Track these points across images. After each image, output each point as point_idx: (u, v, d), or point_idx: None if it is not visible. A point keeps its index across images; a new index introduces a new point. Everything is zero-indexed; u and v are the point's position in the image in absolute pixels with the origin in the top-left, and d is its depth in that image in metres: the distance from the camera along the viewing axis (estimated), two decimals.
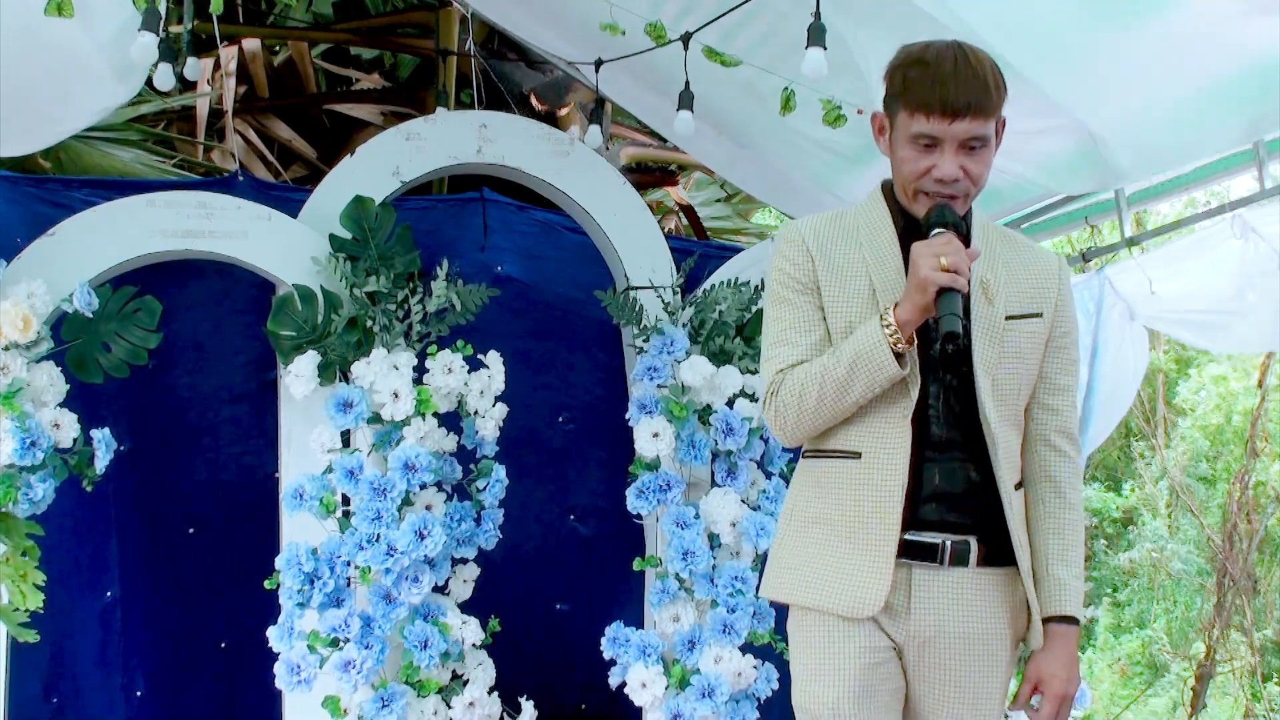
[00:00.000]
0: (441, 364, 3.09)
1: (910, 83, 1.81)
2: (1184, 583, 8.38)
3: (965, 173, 1.82)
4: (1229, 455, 8.55)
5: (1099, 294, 3.68)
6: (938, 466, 1.86)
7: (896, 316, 1.78)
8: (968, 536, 1.86)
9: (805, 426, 1.90)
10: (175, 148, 4.74)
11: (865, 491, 1.86)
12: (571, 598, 3.89)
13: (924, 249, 1.76)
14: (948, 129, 1.79)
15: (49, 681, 3.46)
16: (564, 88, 5.17)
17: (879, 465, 1.85)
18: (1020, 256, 1.97)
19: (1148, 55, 2.68)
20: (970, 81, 1.78)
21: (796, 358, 1.89)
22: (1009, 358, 1.89)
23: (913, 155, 1.83)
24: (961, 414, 1.87)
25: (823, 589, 1.87)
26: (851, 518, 1.87)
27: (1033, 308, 1.93)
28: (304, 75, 5.37)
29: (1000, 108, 1.83)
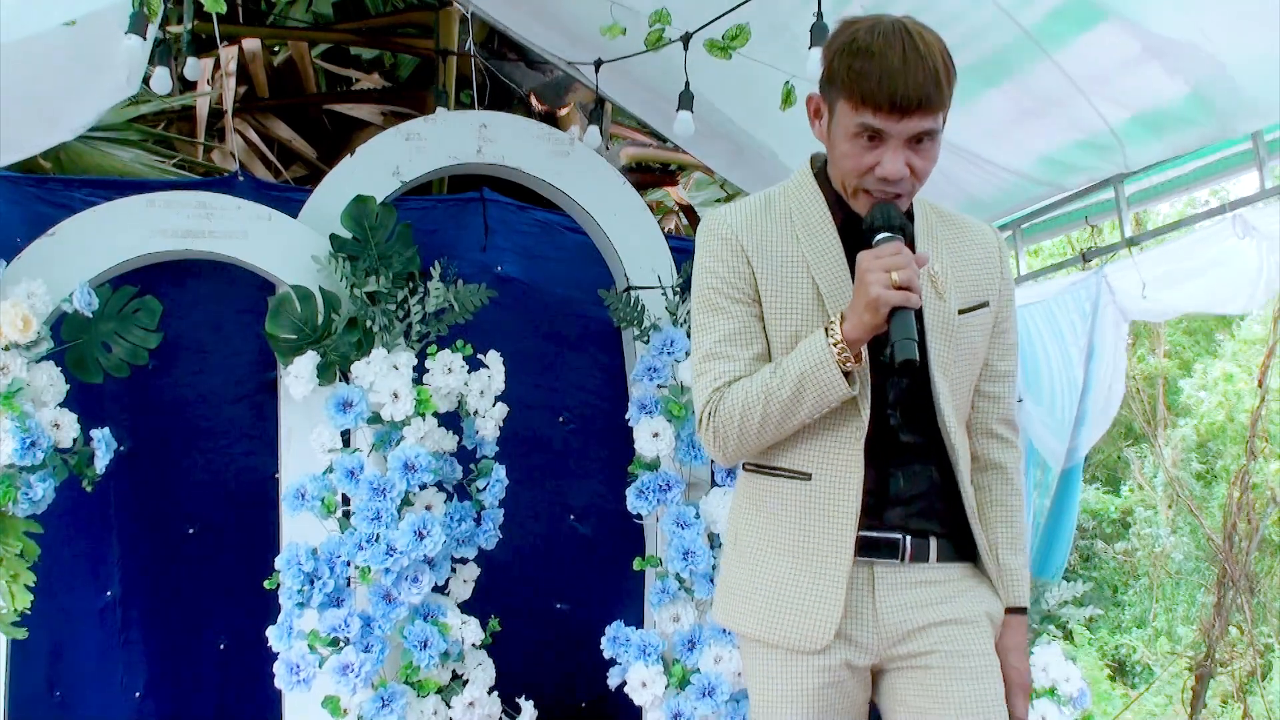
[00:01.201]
0: (441, 364, 3.09)
1: (855, 74, 1.63)
2: (1184, 583, 8.38)
3: (911, 170, 1.68)
4: (1229, 455, 8.56)
5: (1095, 294, 3.68)
6: (900, 473, 1.78)
7: (844, 333, 1.64)
8: (927, 536, 1.79)
9: (747, 448, 1.77)
10: (175, 148, 4.75)
11: (816, 515, 1.75)
12: (571, 598, 3.89)
13: (873, 262, 1.61)
14: (895, 125, 1.63)
15: (50, 681, 3.46)
16: (564, 88, 5.18)
17: (831, 487, 1.74)
18: (961, 238, 1.85)
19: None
20: (919, 73, 1.61)
21: (735, 373, 1.75)
22: (963, 355, 1.80)
23: (855, 151, 1.68)
24: (918, 415, 1.78)
25: (772, 620, 1.76)
26: (800, 542, 1.76)
27: (980, 297, 1.83)
28: (304, 75, 5.38)
29: (949, 99, 1.68)
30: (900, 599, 1.77)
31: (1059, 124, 3.09)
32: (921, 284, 1.66)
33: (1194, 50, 2.67)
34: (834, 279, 1.75)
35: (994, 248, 1.89)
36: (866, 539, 1.75)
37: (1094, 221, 3.81)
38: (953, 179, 3.49)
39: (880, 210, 1.68)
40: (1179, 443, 8.56)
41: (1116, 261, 3.72)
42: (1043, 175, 3.44)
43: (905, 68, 1.61)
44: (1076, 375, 3.76)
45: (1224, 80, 2.75)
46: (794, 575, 1.76)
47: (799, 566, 1.75)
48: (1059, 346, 3.86)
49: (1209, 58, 2.69)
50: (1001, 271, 1.88)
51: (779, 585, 1.77)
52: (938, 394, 1.76)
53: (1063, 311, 3.84)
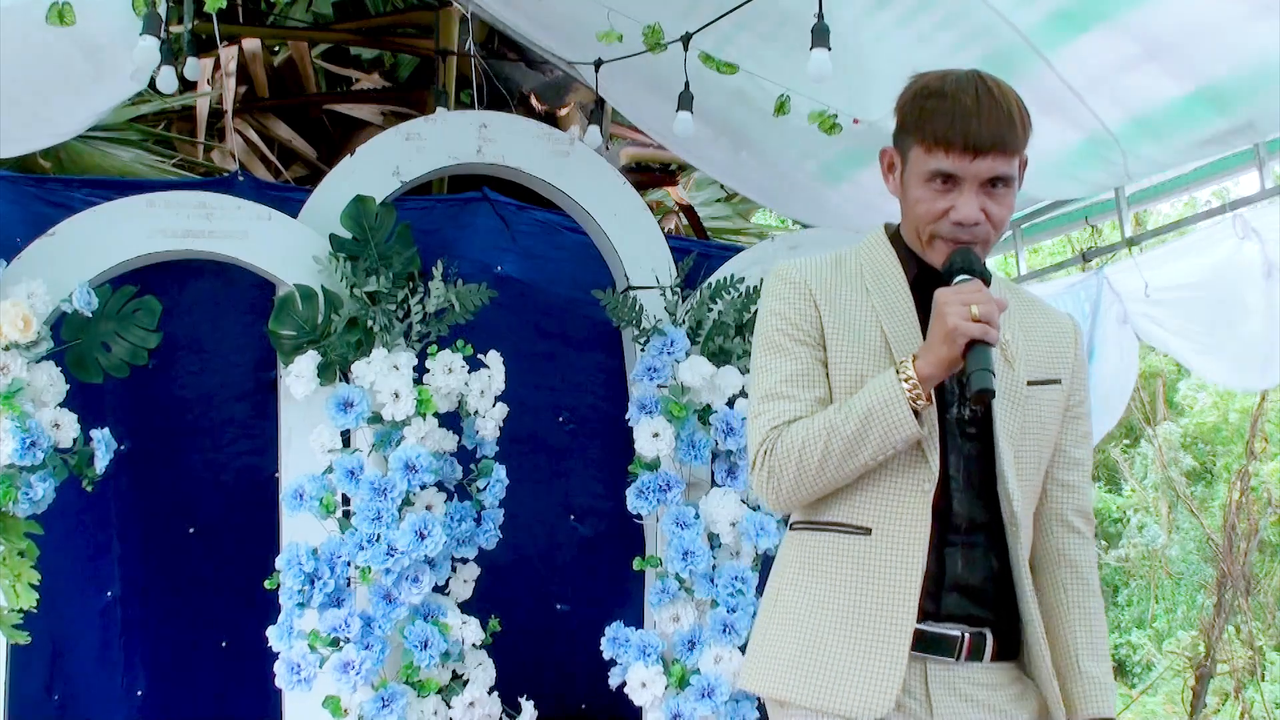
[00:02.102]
0: (442, 364, 3.09)
1: (927, 115, 1.63)
2: (1184, 583, 8.38)
3: (986, 215, 1.63)
4: (1228, 455, 8.56)
5: (1097, 295, 3.68)
6: (960, 551, 1.67)
7: (917, 370, 1.57)
8: (984, 629, 1.67)
9: (804, 491, 1.67)
10: (175, 148, 4.74)
11: (875, 574, 1.63)
12: (571, 598, 3.89)
13: (951, 295, 1.56)
14: (969, 166, 1.60)
15: (50, 681, 3.46)
16: (564, 88, 5.17)
17: (893, 545, 1.63)
18: (1035, 317, 1.80)
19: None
20: (995, 115, 1.60)
21: (795, 413, 1.67)
22: (1032, 427, 1.71)
23: (929, 195, 1.65)
24: (982, 490, 1.68)
25: (822, 686, 1.63)
26: (857, 604, 1.64)
27: (1052, 373, 1.76)
28: (304, 75, 5.37)
29: (1025, 145, 1.65)
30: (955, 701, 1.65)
31: (1059, 128, 3.09)
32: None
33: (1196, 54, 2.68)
34: (903, 330, 1.69)
35: (1070, 334, 1.83)
36: (922, 633, 1.63)
37: (1094, 221, 3.82)
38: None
39: (961, 254, 1.64)
40: (1165, 441, 8.57)
41: (1117, 262, 3.72)
42: (1044, 187, 3.44)
43: (979, 107, 1.60)
44: None
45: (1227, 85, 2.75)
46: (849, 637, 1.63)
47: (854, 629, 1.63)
48: None
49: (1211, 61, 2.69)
50: (1076, 356, 1.82)
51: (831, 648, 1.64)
52: (1002, 463, 1.67)
53: None
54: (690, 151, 4.23)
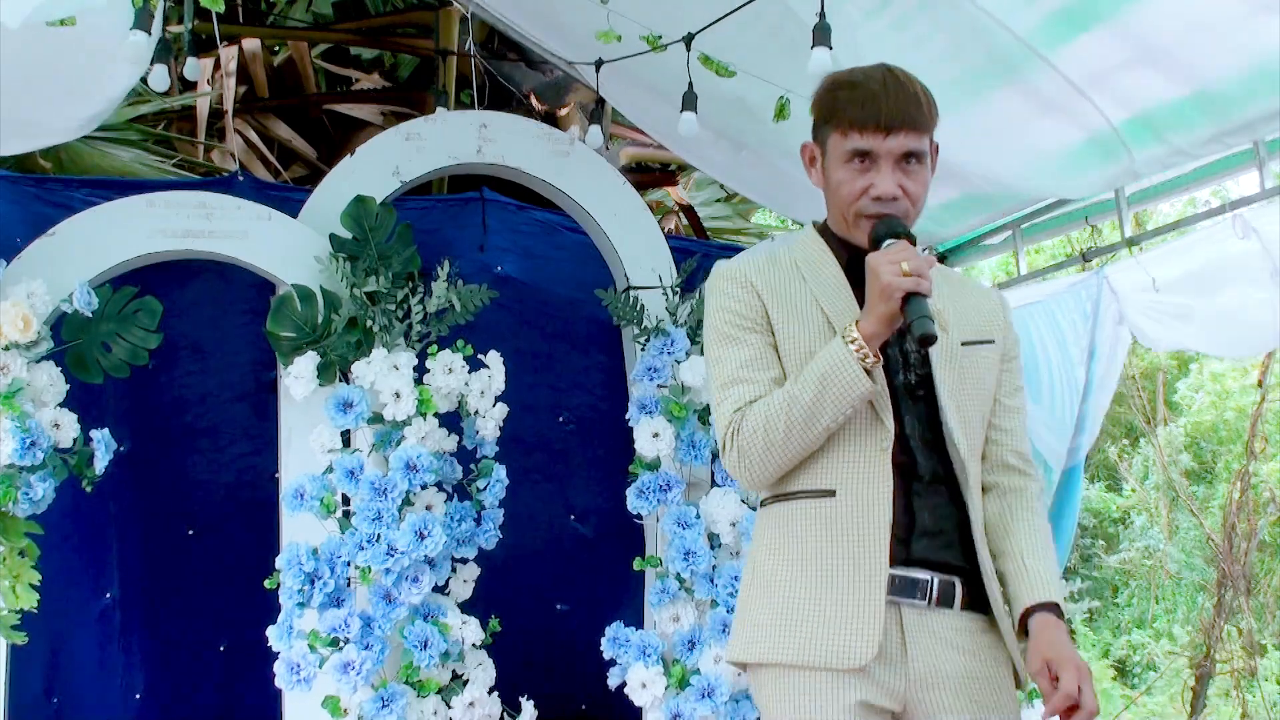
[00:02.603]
0: (442, 364, 3.09)
1: (841, 102, 1.77)
2: (1183, 583, 8.38)
3: (904, 191, 1.76)
4: (1227, 454, 8.56)
5: (1097, 295, 3.68)
6: (926, 502, 1.76)
7: (861, 331, 1.68)
8: (953, 577, 1.75)
9: (773, 463, 1.75)
10: (175, 148, 4.74)
11: (845, 530, 1.72)
12: (571, 598, 3.89)
13: (881, 256, 1.68)
14: (883, 144, 1.74)
15: (49, 683, 3.46)
16: (564, 88, 5.17)
17: (858, 502, 1.72)
18: (963, 291, 1.94)
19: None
20: (901, 96, 1.75)
21: (755, 394, 1.77)
22: (970, 383, 1.83)
23: (850, 176, 1.77)
24: (937, 446, 1.79)
25: (806, 642, 1.69)
26: (830, 560, 1.71)
27: (985, 335, 1.88)
28: (304, 75, 5.37)
29: (933, 125, 1.80)
30: (930, 643, 1.72)
31: (1059, 129, 3.09)
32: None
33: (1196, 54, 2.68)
34: (841, 308, 1.79)
35: (998, 303, 1.97)
36: (892, 576, 1.71)
37: (1094, 221, 3.81)
38: (954, 183, 3.49)
39: (885, 223, 1.75)
40: (1166, 442, 8.57)
41: (1117, 262, 3.72)
42: (1045, 184, 3.44)
43: (886, 91, 1.75)
44: (1077, 375, 3.76)
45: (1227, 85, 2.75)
46: (828, 594, 1.70)
47: (832, 586, 1.70)
48: (1059, 347, 3.86)
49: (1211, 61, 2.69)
50: (1005, 321, 1.94)
51: (810, 606, 1.71)
52: (947, 418, 1.78)
53: (1063, 312, 3.84)
54: (690, 151, 4.23)
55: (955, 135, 3.22)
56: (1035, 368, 3.95)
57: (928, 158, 1.79)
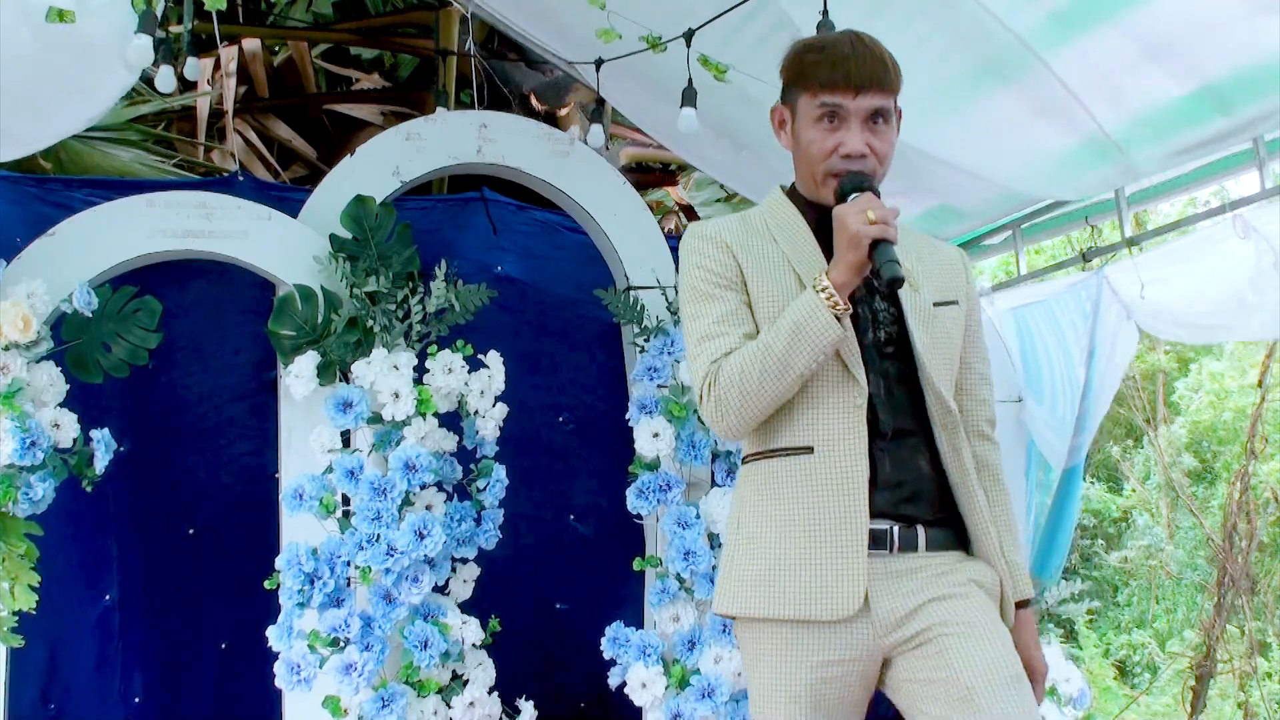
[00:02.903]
0: (442, 364, 3.09)
1: (810, 64, 1.83)
2: (1184, 582, 8.38)
3: (871, 149, 1.82)
4: (1227, 454, 8.56)
5: (1097, 294, 3.68)
6: (887, 456, 1.81)
7: (831, 280, 1.73)
8: (915, 525, 1.81)
9: (749, 413, 1.80)
10: (175, 148, 4.75)
11: (824, 486, 1.77)
12: (571, 598, 3.89)
13: (848, 207, 1.73)
14: (852, 102, 1.80)
15: (46, 687, 3.45)
16: (564, 88, 5.17)
17: (836, 457, 1.77)
18: (928, 249, 1.98)
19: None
20: (869, 58, 1.82)
21: (730, 346, 1.82)
22: (941, 341, 1.88)
23: (820, 135, 1.83)
24: (903, 402, 1.83)
25: (793, 596, 1.75)
26: (811, 515, 1.77)
27: (950, 296, 1.93)
28: (304, 75, 5.38)
29: (899, 87, 1.86)
30: (889, 588, 1.77)
31: (1060, 129, 3.09)
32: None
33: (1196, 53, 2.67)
34: (811, 266, 1.84)
35: (960, 262, 2.02)
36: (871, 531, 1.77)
37: (1094, 221, 3.81)
38: (952, 185, 3.49)
39: (850, 178, 1.80)
40: (1170, 442, 8.57)
41: (1117, 262, 3.72)
42: (1043, 187, 3.44)
43: (854, 52, 1.82)
44: (1078, 375, 3.76)
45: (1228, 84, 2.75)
46: (808, 546, 1.76)
47: (811, 537, 1.76)
48: (1060, 346, 3.86)
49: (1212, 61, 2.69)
50: (968, 279, 2.00)
51: (795, 561, 1.76)
52: (927, 370, 1.83)
53: (1063, 311, 3.84)
54: (690, 151, 4.23)
55: (955, 135, 3.25)
56: (1036, 368, 3.95)
57: (894, 118, 1.86)
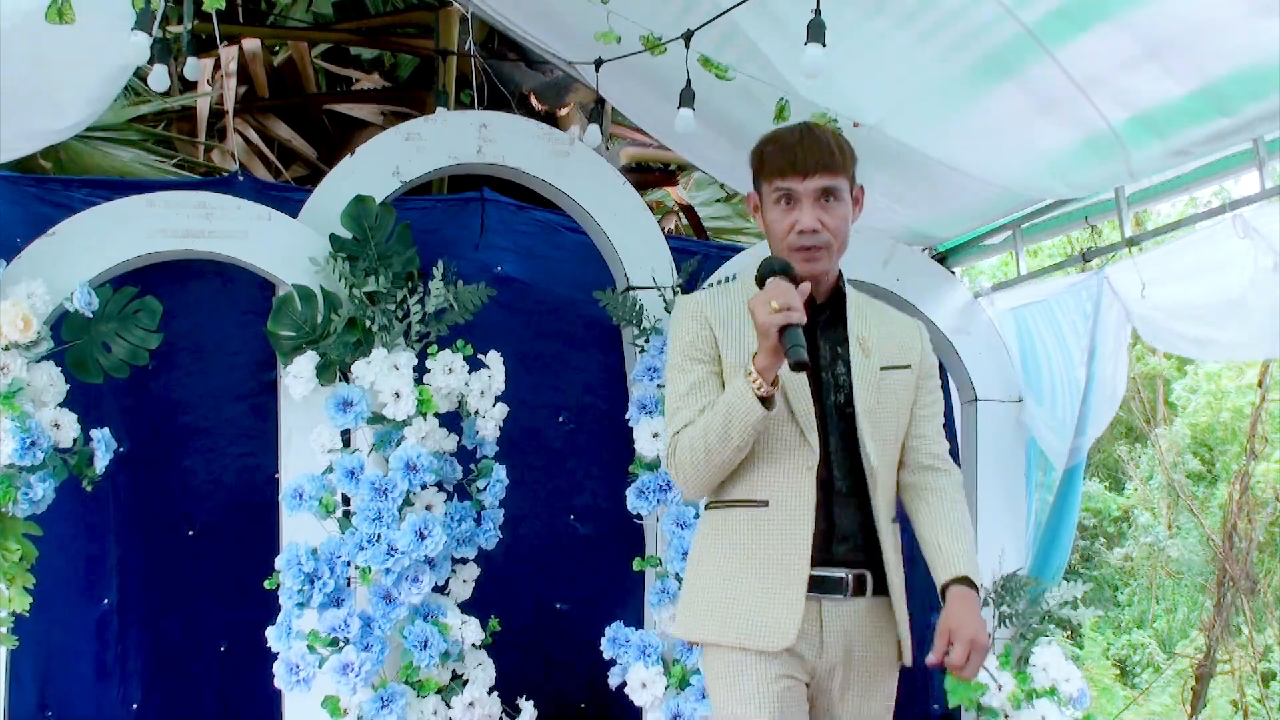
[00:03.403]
0: (442, 364, 3.09)
1: (768, 157, 2.11)
2: (1184, 582, 8.38)
3: (823, 225, 2.06)
4: (1226, 454, 8.55)
5: (1097, 294, 3.68)
6: (843, 511, 2.07)
7: (755, 365, 1.94)
8: (864, 570, 2.07)
9: (702, 478, 2.05)
10: (175, 148, 4.75)
11: (774, 536, 2.03)
12: (571, 598, 3.89)
13: (756, 301, 1.93)
14: (801, 185, 2.06)
15: (44, 691, 3.45)
16: (564, 88, 5.17)
17: (787, 512, 2.03)
18: (887, 319, 2.22)
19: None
20: (815, 145, 2.07)
21: (688, 420, 2.06)
22: (888, 402, 2.12)
23: (779, 216, 2.09)
24: (853, 460, 2.08)
25: (738, 626, 2.02)
26: (760, 560, 2.03)
27: (902, 360, 2.16)
28: (304, 75, 5.38)
29: (848, 167, 2.10)
30: (841, 626, 2.06)
31: (1060, 126, 3.09)
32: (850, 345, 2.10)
33: (1198, 53, 2.67)
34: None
35: (917, 331, 2.25)
36: (816, 578, 2.03)
37: (1094, 221, 3.81)
38: (953, 184, 3.49)
39: (765, 264, 2.02)
40: (1174, 443, 8.56)
41: (1118, 262, 3.71)
42: (1044, 184, 3.44)
43: (801, 141, 2.08)
44: (1078, 375, 3.75)
45: (1228, 84, 2.75)
46: (757, 586, 2.02)
47: (760, 578, 2.02)
48: (1060, 346, 3.85)
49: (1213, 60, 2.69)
50: (923, 348, 2.23)
51: (742, 596, 2.03)
52: (862, 433, 2.07)
53: (1064, 311, 3.83)
54: (691, 150, 4.23)
55: (955, 135, 3.25)
56: (1036, 368, 3.95)
57: (846, 195, 2.10)
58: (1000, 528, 3.86)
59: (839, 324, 2.13)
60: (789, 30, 2.79)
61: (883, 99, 3.14)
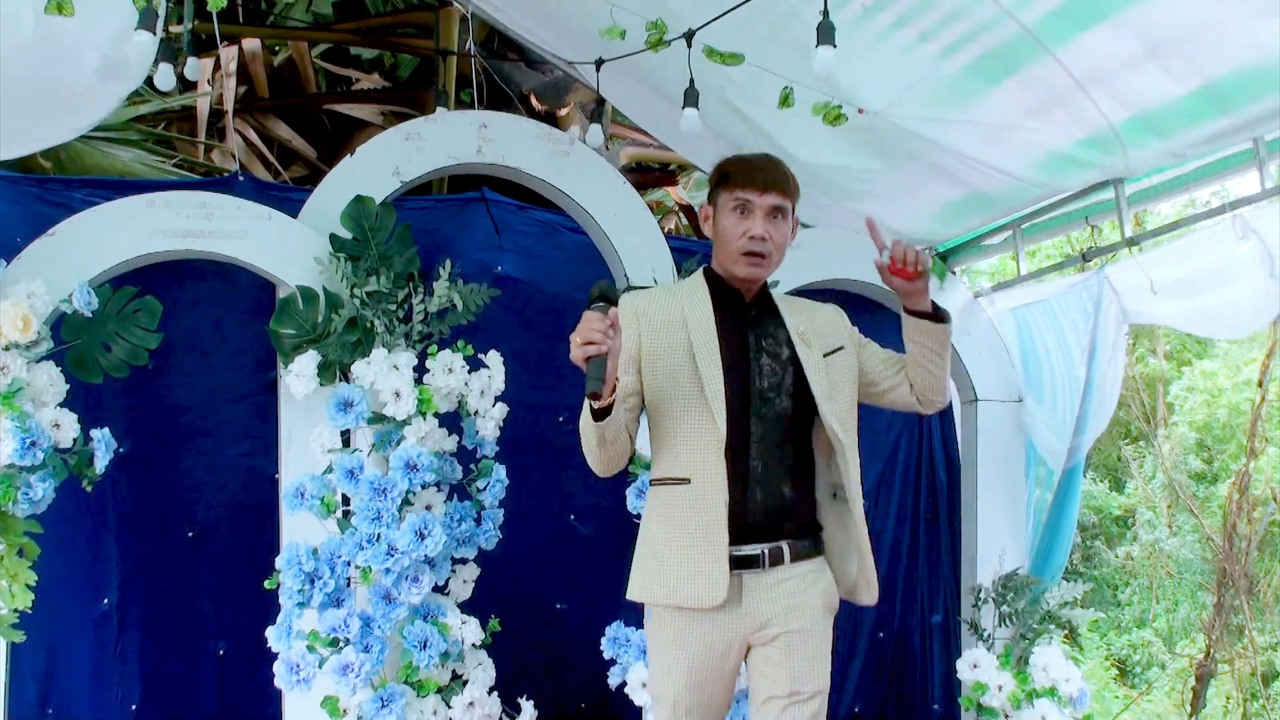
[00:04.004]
0: (442, 364, 3.09)
1: (730, 170, 2.40)
2: (1184, 582, 8.38)
3: (770, 237, 2.34)
4: (1224, 453, 8.55)
5: (1097, 294, 3.68)
6: (759, 488, 2.30)
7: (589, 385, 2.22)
8: (781, 543, 2.31)
9: (596, 465, 2.35)
10: (175, 148, 4.75)
11: (696, 510, 2.28)
12: (571, 598, 3.89)
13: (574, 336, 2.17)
14: (758, 198, 2.35)
15: (44, 691, 3.45)
16: (564, 88, 5.18)
17: (706, 488, 2.28)
18: (812, 311, 2.49)
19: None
20: (774, 169, 2.38)
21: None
22: (837, 383, 2.40)
23: (733, 222, 2.36)
24: (780, 443, 2.32)
25: (675, 588, 2.29)
26: (689, 531, 2.28)
27: (836, 344, 2.44)
28: (304, 75, 5.38)
29: (794, 195, 2.40)
30: (761, 596, 2.30)
31: (1061, 123, 3.09)
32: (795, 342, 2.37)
33: (1198, 52, 2.67)
34: (703, 331, 2.34)
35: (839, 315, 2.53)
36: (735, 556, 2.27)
37: (1094, 221, 3.81)
38: (955, 180, 3.49)
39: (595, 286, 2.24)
40: (1177, 442, 8.56)
41: (1117, 262, 3.71)
42: (1043, 177, 3.44)
43: (764, 164, 2.40)
44: (1078, 375, 3.75)
45: (1228, 83, 2.75)
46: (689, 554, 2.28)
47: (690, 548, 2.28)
48: (1060, 346, 3.85)
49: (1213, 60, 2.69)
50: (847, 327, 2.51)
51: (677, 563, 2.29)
52: (826, 415, 2.33)
53: (1064, 311, 3.83)
54: (691, 149, 4.23)
55: (956, 131, 3.25)
56: (1036, 368, 3.95)
57: (789, 217, 2.40)
58: (1000, 528, 3.87)
59: (767, 320, 2.39)
60: (795, 29, 2.79)
61: (885, 92, 3.14)
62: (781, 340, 2.37)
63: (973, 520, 3.94)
